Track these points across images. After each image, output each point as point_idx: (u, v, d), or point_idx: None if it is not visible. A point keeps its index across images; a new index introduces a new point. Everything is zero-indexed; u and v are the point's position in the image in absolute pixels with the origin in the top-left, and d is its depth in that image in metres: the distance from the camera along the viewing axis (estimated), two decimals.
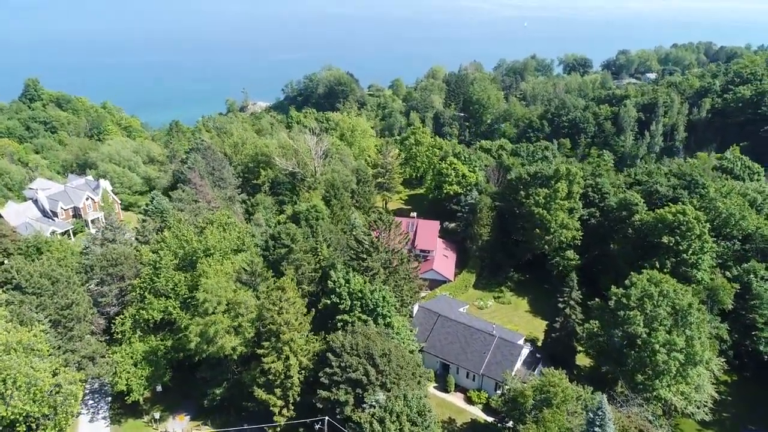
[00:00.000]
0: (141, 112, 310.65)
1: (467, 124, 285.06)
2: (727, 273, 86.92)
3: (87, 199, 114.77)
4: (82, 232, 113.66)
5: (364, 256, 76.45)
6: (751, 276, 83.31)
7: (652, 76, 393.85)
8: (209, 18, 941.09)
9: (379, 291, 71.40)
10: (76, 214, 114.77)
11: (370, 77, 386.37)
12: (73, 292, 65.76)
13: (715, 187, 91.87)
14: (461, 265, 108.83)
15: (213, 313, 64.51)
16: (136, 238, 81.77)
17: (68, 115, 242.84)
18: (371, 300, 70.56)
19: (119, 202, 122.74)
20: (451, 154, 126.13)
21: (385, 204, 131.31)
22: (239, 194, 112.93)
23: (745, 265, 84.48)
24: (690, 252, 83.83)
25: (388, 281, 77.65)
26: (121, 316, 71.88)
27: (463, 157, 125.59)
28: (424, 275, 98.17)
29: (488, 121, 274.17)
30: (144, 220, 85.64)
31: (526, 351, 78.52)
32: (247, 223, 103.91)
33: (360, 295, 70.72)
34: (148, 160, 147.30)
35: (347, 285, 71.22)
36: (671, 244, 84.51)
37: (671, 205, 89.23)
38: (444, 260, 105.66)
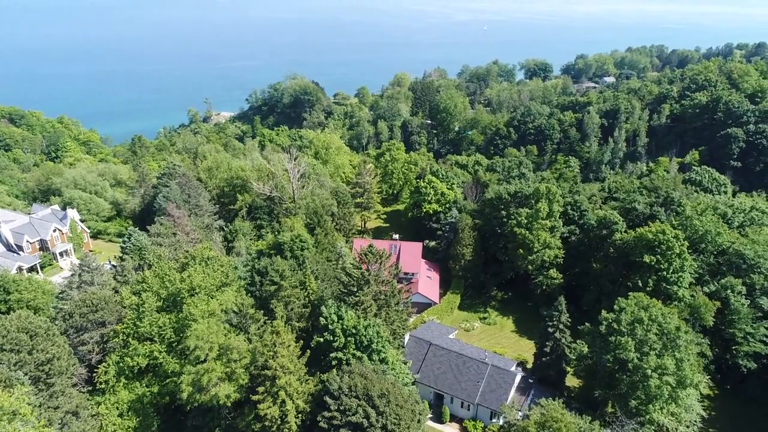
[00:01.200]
0: (98, 124, 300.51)
1: (435, 131, 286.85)
2: (705, 288, 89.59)
3: (54, 230, 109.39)
4: (50, 265, 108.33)
5: (355, 289, 75.26)
6: (729, 292, 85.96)
7: (610, 79, 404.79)
8: (159, 26, 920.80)
9: (373, 326, 70.34)
10: (43, 247, 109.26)
11: (330, 82, 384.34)
12: (53, 344, 62.21)
13: (691, 206, 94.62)
14: (445, 285, 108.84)
15: (204, 360, 62.22)
16: (115, 278, 78.25)
17: (23, 132, 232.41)
18: (365, 336, 69.44)
19: (87, 231, 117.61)
20: (428, 171, 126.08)
21: (364, 224, 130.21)
22: (216, 220, 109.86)
23: (723, 281, 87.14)
24: (671, 270, 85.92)
25: (380, 313, 76.69)
26: (104, 364, 68.60)
27: (440, 175, 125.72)
28: (410, 299, 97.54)
29: (456, 129, 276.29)
30: (122, 259, 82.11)
31: (518, 377, 78.87)
32: (227, 252, 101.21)
33: (354, 331, 69.51)
34: (115, 182, 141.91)
35: (340, 322, 69.91)
36: (653, 263, 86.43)
37: (650, 224, 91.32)
38: (428, 282, 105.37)
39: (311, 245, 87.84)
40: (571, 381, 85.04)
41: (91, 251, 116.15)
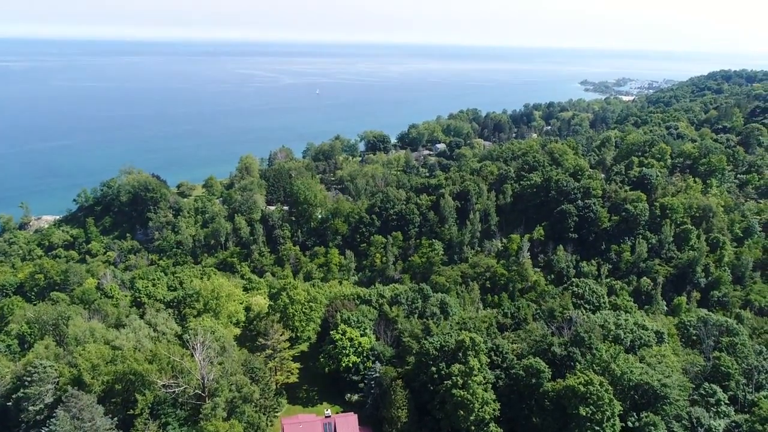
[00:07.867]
0: None
1: (294, 218, 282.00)
2: (628, 422, 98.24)
3: None
4: None
5: None
6: (651, 427, 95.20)
7: (441, 146, 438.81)
8: None
9: None
10: None
11: (162, 161, 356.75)
12: None
13: (605, 350, 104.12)
14: None
15: None
16: None
17: None
18: None
19: None
20: (339, 320, 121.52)
21: (277, 385, 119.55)
22: None
23: (644, 417, 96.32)
24: (604, 418, 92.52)
25: None
26: None
27: (352, 321, 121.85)
28: None
29: (319, 218, 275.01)
30: None
31: None
32: None
33: None
34: None
35: None
36: (588, 414, 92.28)
37: (578, 373, 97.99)
38: None
39: None
40: None
41: None
